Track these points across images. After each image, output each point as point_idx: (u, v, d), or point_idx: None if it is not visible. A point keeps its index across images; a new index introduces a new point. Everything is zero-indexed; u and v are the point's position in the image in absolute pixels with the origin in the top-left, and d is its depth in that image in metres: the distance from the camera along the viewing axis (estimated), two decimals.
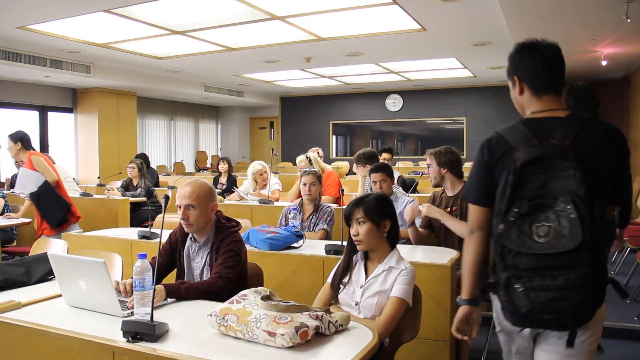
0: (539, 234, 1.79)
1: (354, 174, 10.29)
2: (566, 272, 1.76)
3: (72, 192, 7.93)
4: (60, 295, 2.61)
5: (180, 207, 2.87)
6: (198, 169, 15.90)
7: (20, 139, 5.42)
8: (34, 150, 5.55)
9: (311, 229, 4.52)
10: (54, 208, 5.32)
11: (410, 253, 3.34)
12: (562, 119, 1.95)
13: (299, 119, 16.90)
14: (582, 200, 1.75)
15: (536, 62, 1.99)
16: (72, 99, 12.44)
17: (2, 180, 8.64)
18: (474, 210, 2.09)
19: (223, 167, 8.59)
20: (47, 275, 2.97)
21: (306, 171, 4.71)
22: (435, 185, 4.04)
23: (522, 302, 1.82)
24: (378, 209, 2.67)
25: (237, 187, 7.32)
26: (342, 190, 4.62)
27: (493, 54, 9.80)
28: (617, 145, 1.96)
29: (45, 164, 5.38)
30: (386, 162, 6.41)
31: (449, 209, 3.85)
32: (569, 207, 1.76)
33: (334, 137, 16.70)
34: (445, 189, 4.01)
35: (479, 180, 2.06)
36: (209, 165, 16.39)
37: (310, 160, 6.55)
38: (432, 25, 7.75)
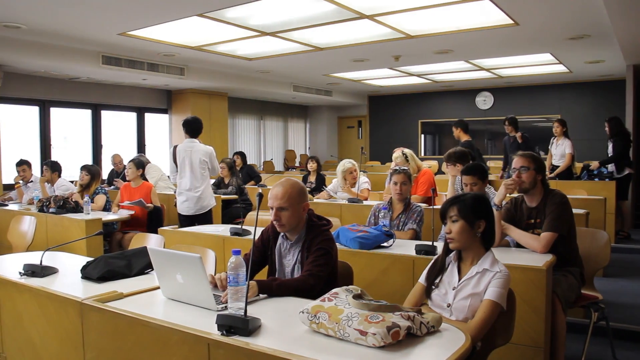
0: None
1: (443, 173, 10.11)
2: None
3: (167, 189, 8.32)
4: (158, 288, 2.72)
5: (272, 208, 2.90)
6: (287, 168, 16.12)
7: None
8: None
9: (400, 227, 4.48)
10: None
11: (504, 255, 3.22)
12: None
13: (387, 117, 16.78)
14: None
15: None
16: (167, 100, 12.99)
17: (103, 177, 9.18)
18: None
19: (312, 165, 8.68)
20: (146, 268, 3.11)
21: (396, 170, 4.65)
22: (523, 191, 3.67)
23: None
24: (473, 208, 2.62)
25: (326, 186, 7.37)
26: (434, 190, 4.50)
27: (591, 47, 9.33)
28: None
29: None
30: None
31: (532, 220, 3.65)
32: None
33: (423, 135, 16.45)
34: (527, 198, 3.70)
35: None
36: (297, 164, 16.59)
37: (406, 156, 6.36)
38: (526, 19, 7.47)
